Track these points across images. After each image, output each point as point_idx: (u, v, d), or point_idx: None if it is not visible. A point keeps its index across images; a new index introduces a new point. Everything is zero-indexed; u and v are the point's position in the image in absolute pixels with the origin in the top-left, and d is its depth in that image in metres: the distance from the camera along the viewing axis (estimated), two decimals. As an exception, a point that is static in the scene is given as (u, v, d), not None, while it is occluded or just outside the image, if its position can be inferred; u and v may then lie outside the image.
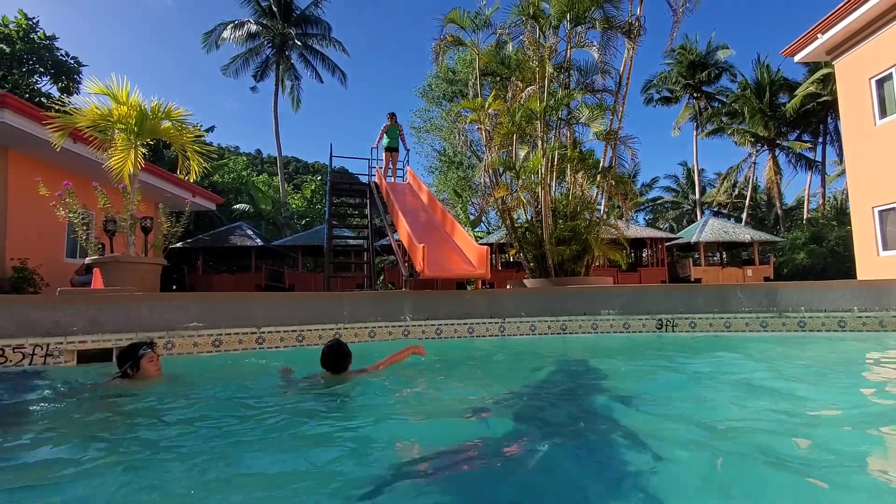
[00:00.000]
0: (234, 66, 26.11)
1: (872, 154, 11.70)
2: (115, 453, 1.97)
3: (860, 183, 12.19)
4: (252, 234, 17.93)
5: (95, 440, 2.13)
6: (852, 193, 12.65)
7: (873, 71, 11.52)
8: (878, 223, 11.65)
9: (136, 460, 1.88)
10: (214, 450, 1.99)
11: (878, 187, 11.48)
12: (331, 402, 2.90)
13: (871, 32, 11.44)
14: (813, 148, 29.55)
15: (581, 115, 8.30)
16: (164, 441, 2.14)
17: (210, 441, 2.13)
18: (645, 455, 1.82)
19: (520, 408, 2.71)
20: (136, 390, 3.01)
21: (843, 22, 11.61)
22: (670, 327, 5.43)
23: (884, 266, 11.36)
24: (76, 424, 2.48)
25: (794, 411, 2.42)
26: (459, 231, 6.90)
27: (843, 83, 12.78)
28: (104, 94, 4.82)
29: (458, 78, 25.06)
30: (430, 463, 1.80)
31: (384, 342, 5.00)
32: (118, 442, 2.14)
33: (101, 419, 2.53)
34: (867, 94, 11.74)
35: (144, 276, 4.91)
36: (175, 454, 1.97)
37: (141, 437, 2.19)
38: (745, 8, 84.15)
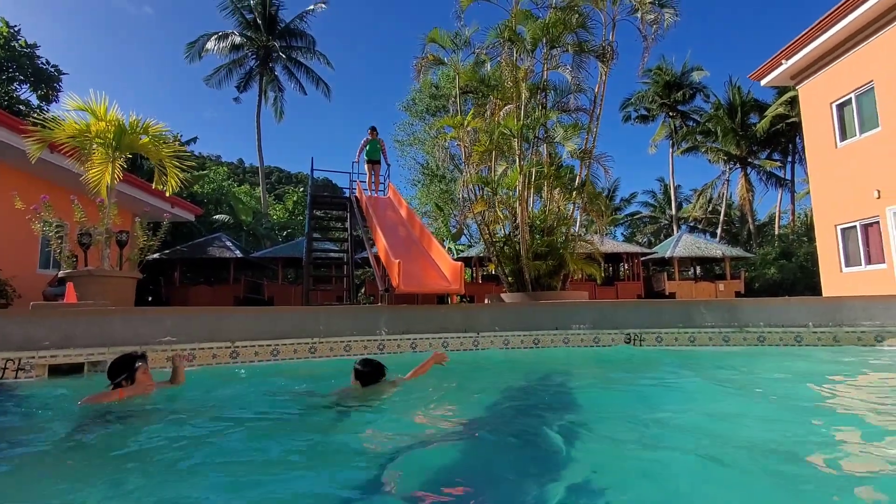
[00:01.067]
0: (217, 76, 26.08)
1: (834, 175, 12.28)
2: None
3: (823, 202, 12.76)
4: (231, 246, 17.75)
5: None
6: (816, 212, 13.22)
7: (834, 96, 12.15)
8: (840, 240, 12.18)
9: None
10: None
11: (840, 206, 12.04)
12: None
13: (832, 59, 12.10)
14: (783, 166, 30.72)
15: (556, 134, 8.57)
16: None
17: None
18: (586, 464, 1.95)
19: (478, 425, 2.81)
20: (137, 405, 3.01)
21: (806, 49, 12.25)
22: (638, 341, 5.62)
23: (847, 282, 11.86)
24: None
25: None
26: (436, 247, 7.04)
27: (807, 107, 13.44)
28: (83, 110, 4.86)
29: (441, 93, 25.45)
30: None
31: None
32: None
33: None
34: (829, 117, 12.36)
35: (119, 289, 4.90)
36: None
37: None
38: (719, 31, 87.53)
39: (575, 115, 9.83)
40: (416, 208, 26.77)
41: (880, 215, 10.80)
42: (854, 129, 11.69)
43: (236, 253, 17.51)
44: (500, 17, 9.13)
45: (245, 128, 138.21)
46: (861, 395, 3.44)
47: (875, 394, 3.47)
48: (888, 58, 10.53)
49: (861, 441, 2.34)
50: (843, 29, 11.14)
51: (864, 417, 2.75)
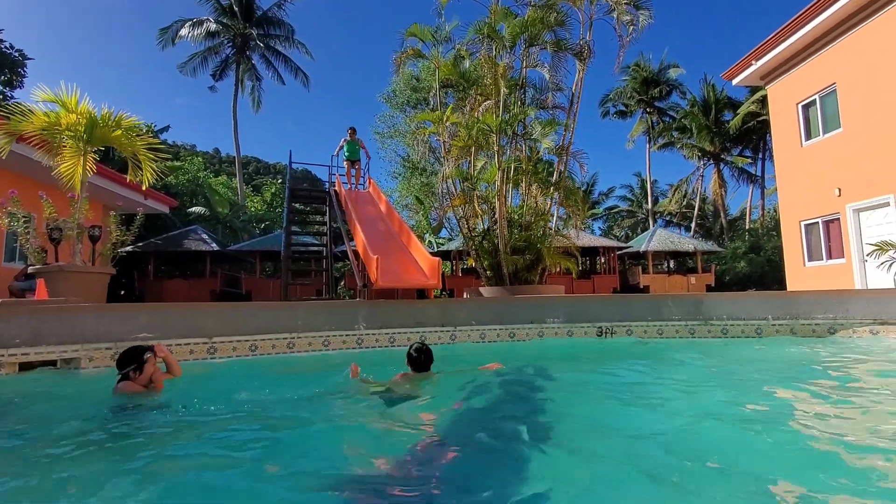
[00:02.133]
0: (191, 64, 25.36)
1: (799, 173, 12.78)
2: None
3: (789, 199, 13.27)
4: (207, 239, 17.42)
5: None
6: (782, 208, 13.74)
7: (800, 96, 12.60)
8: (803, 236, 12.71)
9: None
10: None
11: (804, 203, 12.54)
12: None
13: (799, 61, 12.53)
14: (754, 163, 31.68)
15: (534, 131, 8.70)
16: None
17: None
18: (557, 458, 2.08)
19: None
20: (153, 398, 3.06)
21: (774, 51, 12.66)
22: (609, 334, 5.83)
23: (809, 275, 12.40)
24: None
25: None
26: (415, 242, 7.11)
27: (775, 107, 13.91)
28: (53, 102, 4.74)
29: (422, 85, 25.35)
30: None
31: (338, 351, 5.14)
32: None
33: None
34: (795, 117, 12.83)
35: (91, 285, 4.84)
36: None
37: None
38: (695, 30, 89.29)
39: (553, 112, 9.99)
40: (397, 201, 26.70)
41: (840, 212, 11.31)
42: (818, 129, 12.16)
43: (213, 246, 17.22)
44: (481, 13, 9.18)
45: (221, 116, 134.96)
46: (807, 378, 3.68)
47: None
48: (850, 61, 10.98)
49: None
50: (810, 32, 11.54)
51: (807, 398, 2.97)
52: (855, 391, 3.29)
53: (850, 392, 3.24)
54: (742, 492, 1.65)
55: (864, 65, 10.62)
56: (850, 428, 2.43)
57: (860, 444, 2.14)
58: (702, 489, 1.64)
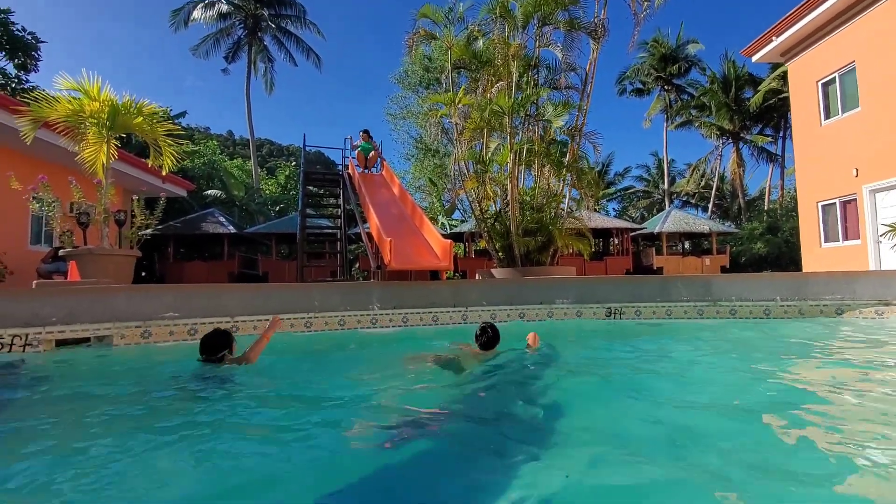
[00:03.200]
0: (204, 46, 25.43)
1: (818, 152, 12.51)
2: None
3: (807, 179, 13.03)
4: (224, 221, 17.78)
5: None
6: (800, 188, 13.50)
7: (820, 74, 12.25)
8: (820, 217, 12.52)
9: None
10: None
11: (822, 183, 12.32)
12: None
13: (819, 38, 12.15)
14: (774, 142, 30.87)
15: (546, 112, 8.67)
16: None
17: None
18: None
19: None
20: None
21: (795, 26, 12.27)
22: (618, 315, 5.93)
23: (825, 257, 12.26)
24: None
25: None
26: (427, 224, 7.23)
27: (794, 84, 13.54)
28: (75, 90, 4.91)
29: (434, 65, 25.06)
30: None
31: (353, 331, 5.34)
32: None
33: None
34: (815, 96, 12.50)
35: (118, 267, 5.08)
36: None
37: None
38: (715, 4, 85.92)
39: (566, 92, 9.91)
40: (410, 183, 26.70)
41: (857, 193, 11.10)
42: (837, 107, 11.87)
43: (230, 228, 17.57)
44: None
45: (234, 98, 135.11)
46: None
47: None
48: (869, 39, 10.64)
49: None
50: (830, 7, 11.17)
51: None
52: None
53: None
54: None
55: (883, 43, 10.30)
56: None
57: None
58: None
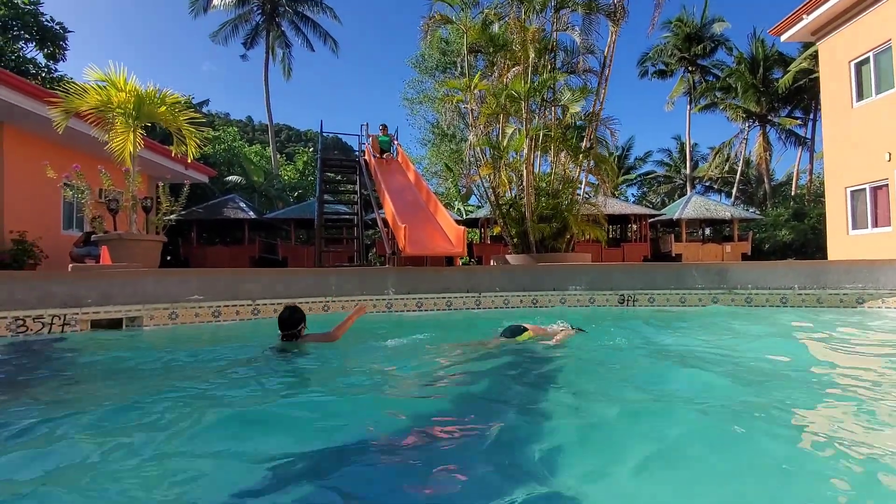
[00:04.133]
0: (223, 32, 25.65)
1: (848, 136, 12.09)
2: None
3: (835, 164, 12.61)
4: (245, 207, 18.20)
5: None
6: (828, 173, 13.09)
7: (853, 54, 11.76)
8: (849, 203, 12.14)
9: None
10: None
11: (852, 168, 11.92)
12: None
13: (853, 16, 11.64)
14: (803, 125, 29.78)
15: (563, 97, 8.58)
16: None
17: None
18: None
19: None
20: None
21: (827, 3, 11.77)
22: (631, 302, 5.96)
23: (853, 244, 11.92)
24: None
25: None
26: (442, 211, 7.31)
27: (825, 65, 13.03)
28: (103, 81, 5.10)
29: (451, 48, 24.78)
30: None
31: (369, 314, 5.49)
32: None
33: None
34: (846, 76, 12.02)
35: (146, 252, 5.32)
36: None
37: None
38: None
39: (584, 76, 9.77)
40: (427, 168, 26.67)
41: (890, 178, 10.73)
42: (871, 89, 11.41)
43: (250, 214, 17.96)
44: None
45: (253, 84, 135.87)
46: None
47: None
48: (906, 16, 10.15)
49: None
50: (866, -17, 10.68)
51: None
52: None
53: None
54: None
55: (924, 19, 9.80)
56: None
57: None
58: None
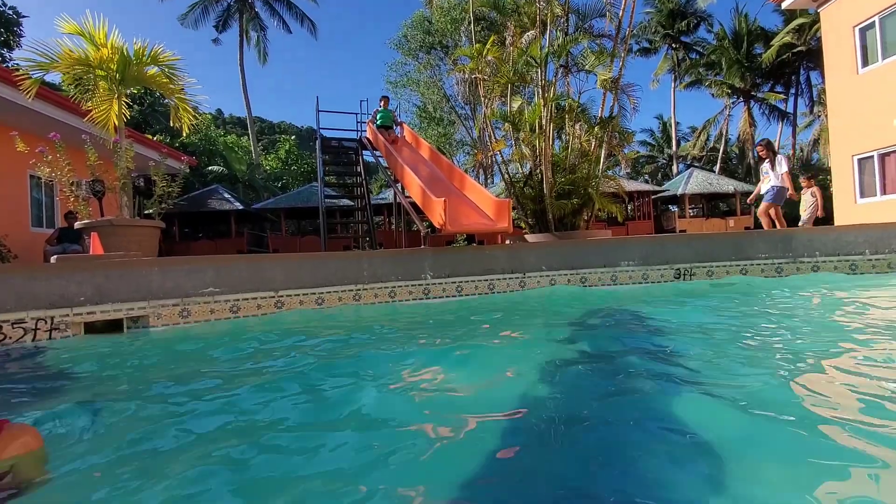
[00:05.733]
0: (192, 15, 24.05)
1: (854, 103, 11.86)
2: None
3: (841, 131, 12.40)
4: (230, 198, 17.06)
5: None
6: (833, 142, 12.88)
7: (857, 19, 11.49)
8: (856, 171, 11.97)
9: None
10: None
11: (858, 136, 11.72)
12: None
13: (859, -23, 11.35)
14: (785, 99, 29.98)
15: (586, 62, 7.97)
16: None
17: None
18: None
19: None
20: None
21: (832, -33, 11.45)
22: (688, 276, 5.45)
23: (861, 213, 11.76)
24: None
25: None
26: (471, 183, 6.62)
27: (828, 31, 12.74)
28: (79, 35, 4.22)
29: (435, 27, 23.89)
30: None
31: (404, 302, 4.84)
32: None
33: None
34: (851, 42, 11.76)
35: (143, 240, 4.51)
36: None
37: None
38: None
39: (598, 41, 9.16)
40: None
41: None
42: (876, 54, 11.17)
43: (236, 205, 16.87)
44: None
45: (222, 76, 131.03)
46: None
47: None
48: (919, -25, 9.87)
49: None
50: (874, -58, 10.35)
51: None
52: None
53: None
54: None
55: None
56: None
57: None
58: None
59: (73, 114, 7.64)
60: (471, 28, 9.28)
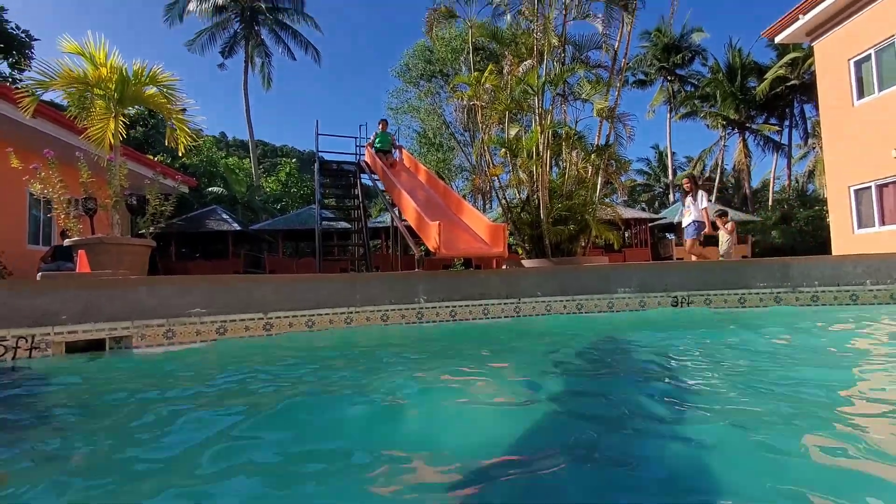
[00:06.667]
0: (199, 41, 24.64)
1: (850, 134, 12.01)
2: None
3: (837, 163, 12.52)
4: (228, 219, 17.08)
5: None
6: (829, 174, 12.99)
7: (852, 52, 11.75)
8: (853, 202, 12.02)
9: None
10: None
11: (855, 167, 11.82)
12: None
13: (851, 14, 11.66)
14: (780, 131, 30.48)
15: (582, 91, 8.09)
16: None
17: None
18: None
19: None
20: None
21: (824, 3, 11.77)
22: (685, 304, 5.37)
23: (859, 243, 11.76)
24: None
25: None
26: (468, 208, 6.62)
27: (823, 64, 13.02)
28: (79, 54, 4.26)
29: (436, 57, 24.46)
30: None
31: (397, 325, 4.74)
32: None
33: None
34: (846, 74, 11.99)
35: (133, 258, 4.45)
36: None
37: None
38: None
39: (595, 71, 9.33)
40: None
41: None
42: (872, 86, 11.37)
43: (234, 226, 16.87)
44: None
45: (226, 100, 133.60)
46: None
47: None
48: (914, 10, 10.14)
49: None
50: (866, -19, 10.68)
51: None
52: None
53: None
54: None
55: (930, 13, 9.77)
56: None
57: None
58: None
59: (70, 131, 7.68)
60: (470, 57, 9.45)
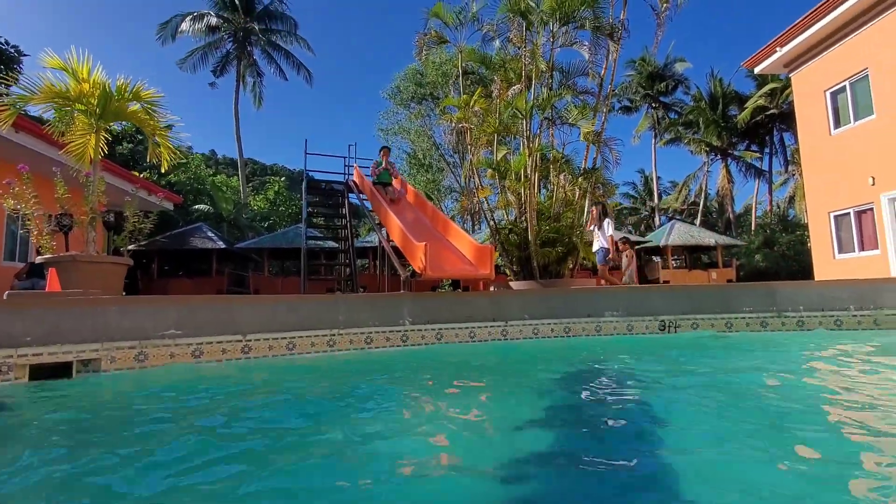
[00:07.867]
0: (191, 60, 24.73)
1: (828, 162, 12.34)
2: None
3: (816, 190, 12.81)
4: (213, 237, 16.81)
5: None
6: (809, 200, 13.28)
7: (828, 83, 12.16)
8: (833, 228, 12.27)
9: None
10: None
11: (834, 194, 12.10)
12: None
13: (827, 47, 12.10)
14: (761, 158, 31.32)
15: (569, 116, 8.22)
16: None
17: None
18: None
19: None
20: None
21: (801, 36, 12.22)
22: (673, 329, 5.34)
23: (839, 268, 11.96)
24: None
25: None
26: (455, 229, 6.58)
27: (800, 95, 13.45)
28: (61, 69, 4.19)
29: (427, 80, 24.85)
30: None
31: (381, 349, 4.62)
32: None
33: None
34: (823, 105, 12.39)
35: (107, 277, 4.29)
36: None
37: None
38: (701, 22, 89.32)
39: (582, 97, 9.51)
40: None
41: (874, 202, 10.88)
42: (848, 116, 11.74)
43: (219, 244, 16.60)
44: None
45: (216, 118, 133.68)
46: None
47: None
48: (883, 45, 10.56)
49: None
50: (839, 16, 11.12)
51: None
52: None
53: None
54: None
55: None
56: None
57: None
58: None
59: (49, 145, 7.53)
60: (459, 81, 9.57)
